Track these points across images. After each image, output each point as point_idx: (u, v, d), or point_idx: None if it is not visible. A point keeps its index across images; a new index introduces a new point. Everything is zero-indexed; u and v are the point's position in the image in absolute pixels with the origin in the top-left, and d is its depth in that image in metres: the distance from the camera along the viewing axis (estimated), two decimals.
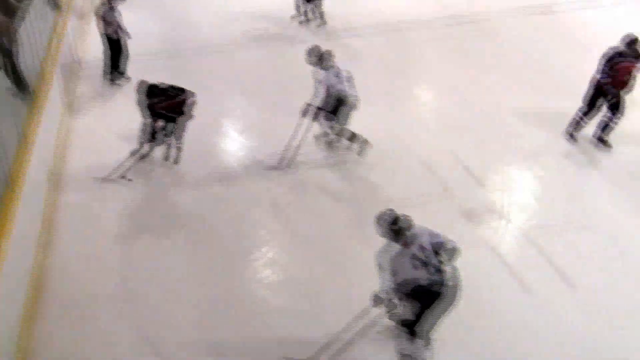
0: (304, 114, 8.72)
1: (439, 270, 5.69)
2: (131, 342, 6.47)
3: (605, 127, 9.16)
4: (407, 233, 5.75)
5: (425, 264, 5.65)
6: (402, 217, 5.80)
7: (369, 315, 6.05)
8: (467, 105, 10.32)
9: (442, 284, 5.69)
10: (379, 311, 5.97)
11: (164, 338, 6.50)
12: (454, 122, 9.93)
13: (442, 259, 5.73)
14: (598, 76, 8.97)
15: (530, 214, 8.19)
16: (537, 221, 8.04)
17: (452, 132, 9.64)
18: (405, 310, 5.81)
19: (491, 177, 8.79)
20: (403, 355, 5.98)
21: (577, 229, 7.83)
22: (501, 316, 6.75)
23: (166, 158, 8.91)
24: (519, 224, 7.97)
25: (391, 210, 5.89)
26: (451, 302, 5.79)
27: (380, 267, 5.83)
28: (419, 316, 5.78)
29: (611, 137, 9.18)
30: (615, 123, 9.04)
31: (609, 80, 8.83)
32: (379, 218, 5.85)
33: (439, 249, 5.75)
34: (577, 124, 9.31)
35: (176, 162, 8.89)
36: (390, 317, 6.01)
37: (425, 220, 7.80)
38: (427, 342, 6.02)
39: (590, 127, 9.27)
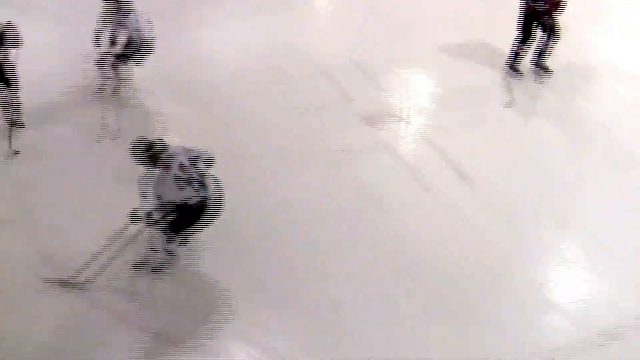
0: (101, 64, 8.01)
1: (203, 185, 5.80)
2: (30, 264, 6.28)
3: (542, 53, 8.80)
4: (163, 156, 5.76)
5: (189, 182, 5.73)
6: (156, 142, 5.81)
7: (127, 232, 6.02)
8: (373, 13, 10.12)
9: (207, 197, 5.81)
10: (137, 227, 5.95)
11: (65, 256, 6.30)
12: (353, 28, 9.83)
13: (202, 173, 5.82)
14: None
15: (429, 115, 8.33)
16: (436, 122, 8.20)
17: (349, 38, 9.55)
18: (168, 222, 5.87)
19: (391, 81, 8.82)
20: (152, 249, 6.06)
21: (473, 128, 8.04)
22: (403, 214, 6.93)
23: (12, 123, 7.56)
24: (418, 125, 8.11)
25: (143, 137, 5.86)
26: (216, 212, 5.93)
27: (143, 195, 5.81)
28: (183, 227, 5.90)
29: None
30: (552, 47, 8.71)
31: (546, 7, 8.43)
32: (132, 148, 5.82)
33: (196, 162, 5.82)
34: (516, 55, 8.86)
35: (22, 125, 7.72)
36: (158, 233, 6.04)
37: (325, 126, 8.03)
38: (185, 243, 6.19)
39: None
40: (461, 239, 6.66)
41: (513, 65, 8.88)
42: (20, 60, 7.40)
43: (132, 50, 7.94)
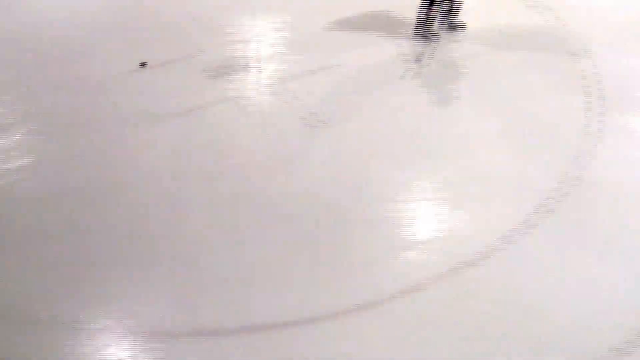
0: None
1: None
2: None
3: (450, 11, 8.36)
4: None
5: None
6: None
7: None
8: None
9: None
10: None
11: None
12: None
13: None
14: None
15: (279, 62, 8.20)
16: (287, 68, 8.08)
17: None
18: None
19: (238, 30, 8.64)
20: None
21: (326, 71, 7.96)
22: (254, 165, 6.82)
23: None
24: (269, 73, 7.99)
25: None
26: None
27: None
28: None
29: None
30: (460, 3, 8.37)
31: None
32: None
33: None
34: (426, 20, 8.28)
35: None
36: None
37: (171, 82, 7.74)
38: None
39: None
40: (317, 185, 6.65)
41: (426, 30, 8.33)
42: None
43: None
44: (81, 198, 6.40)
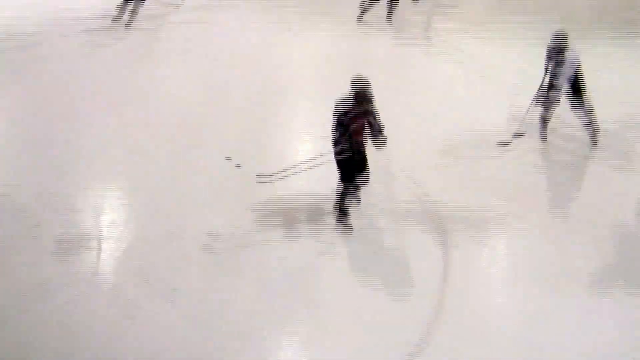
0: None
1: None
2: None
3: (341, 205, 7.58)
4: None
5: None
6: None
7: None
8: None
9: None
10: None
11: None
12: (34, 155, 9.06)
13: None
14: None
15: (125, 229, 7.75)
16: (135, 235, 7.65)
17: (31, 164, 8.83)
18: None
19: (83, 198, 8.26)
20: None
21: (171, 241, 7.48)
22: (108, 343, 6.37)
23: None
24: (117, 242, 7.51)
25: None
26: None
27: None
28: None
29: None
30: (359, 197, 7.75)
31: (340, 148, 7.18)
32: None
33: None
34: (345, 204, 7.56)
35: None
36: None
37: (10, 264, 7.09)
38: None
39: None
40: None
41: (343, 219, 7.60)
42: None
43: None
44: None
